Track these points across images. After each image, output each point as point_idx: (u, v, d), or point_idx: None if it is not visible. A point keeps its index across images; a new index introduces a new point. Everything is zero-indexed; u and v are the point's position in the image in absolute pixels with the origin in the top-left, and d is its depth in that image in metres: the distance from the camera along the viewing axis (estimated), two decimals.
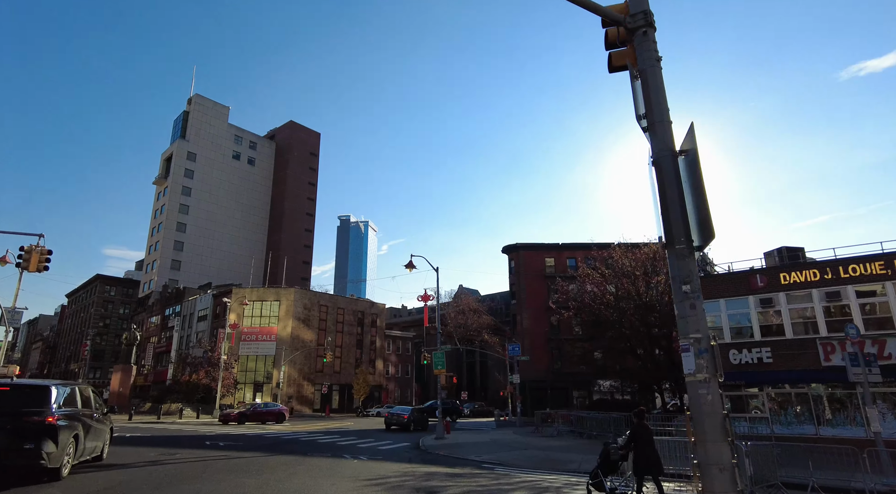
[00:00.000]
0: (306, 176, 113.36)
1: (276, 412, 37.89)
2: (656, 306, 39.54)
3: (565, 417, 29.34)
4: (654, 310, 39.10)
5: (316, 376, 62.32)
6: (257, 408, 37.57)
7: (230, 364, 47.74)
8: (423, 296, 26.85)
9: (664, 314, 37.58)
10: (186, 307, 71.80)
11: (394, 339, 75.22)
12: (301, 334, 60.96)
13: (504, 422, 47.61)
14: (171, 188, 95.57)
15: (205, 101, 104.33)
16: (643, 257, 45.65)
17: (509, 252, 63.93)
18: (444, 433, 25.12)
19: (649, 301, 41.98)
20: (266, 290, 63.24)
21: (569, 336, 59.40)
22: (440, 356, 25.83)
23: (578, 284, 46.60)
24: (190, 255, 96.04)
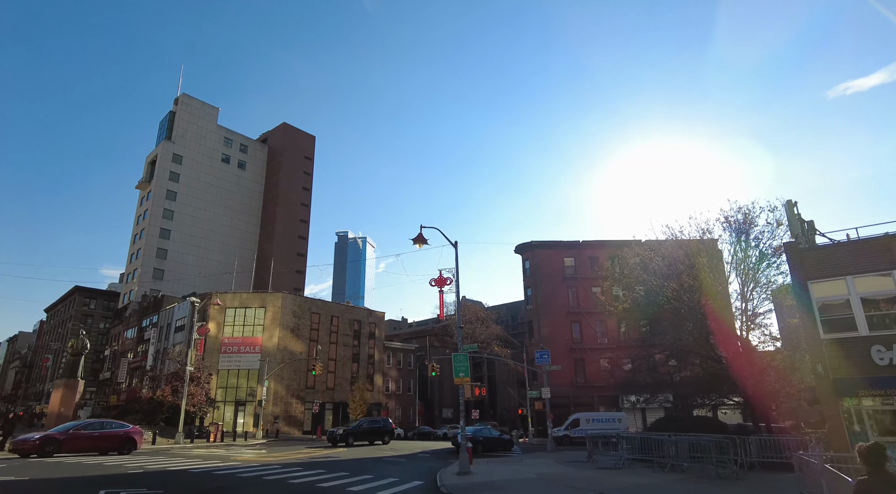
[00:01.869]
0: (300, 181, 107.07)
1: (113, 436, 23.14)
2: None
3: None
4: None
5: (306, 393, 55.01)
6: (80, 430, 22.50)
7: (202, 379, 40.62)
8: (437, 280, 20.09)
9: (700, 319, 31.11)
10: (164, 317, 64.69)
11: (394, 351, 68.00)
12: (289, 345, 53.84)
13: (526, 445, 40.42)
14: (154, 192, 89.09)
15: (192, 101, 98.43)
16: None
17: (523, 252, 57.21)
18: (469, 465, 18.14)
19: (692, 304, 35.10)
20: (250, 295, 56.27)
21: (594, 346, 52.44)
22: (462, 358, 18.98)
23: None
24: (174, 263, 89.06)
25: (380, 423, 38.10)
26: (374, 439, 35.93)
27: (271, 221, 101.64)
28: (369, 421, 38.04)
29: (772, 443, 18.33)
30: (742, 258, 23.48)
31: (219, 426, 35.01)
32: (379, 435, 36.29)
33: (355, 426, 36.32)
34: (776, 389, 23.95)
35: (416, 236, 20.28)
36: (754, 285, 23.09)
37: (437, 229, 20.52)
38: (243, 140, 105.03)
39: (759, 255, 22.18)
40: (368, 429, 36.27)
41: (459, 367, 19.03)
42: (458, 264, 20.32)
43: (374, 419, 39.48)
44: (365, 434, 35.57)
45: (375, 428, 36.82)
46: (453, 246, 20.62)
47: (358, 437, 34.88)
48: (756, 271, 22.92)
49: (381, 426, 37.57)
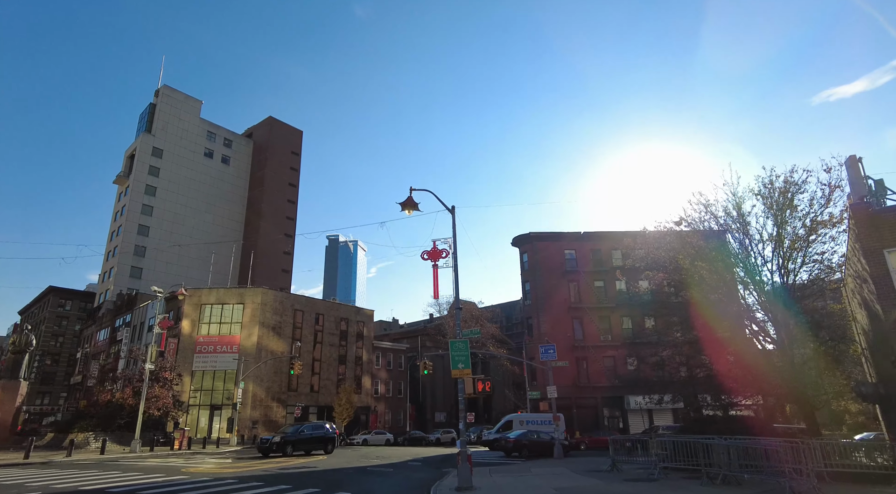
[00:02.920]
0: (287, 177, 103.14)
1: None
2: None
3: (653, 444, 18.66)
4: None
5: (288, 396, 51.09)
6: None
7: (169, 379, 36.67)
8: (430, 252, 16.55)
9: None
10: (137, 316, 60.60)
11: (384, 352, 64.22)
12: (270, 344, 49.95)
13: None
14: (133, 188, 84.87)
15: (174, 93, 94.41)
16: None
17: (521, 244, 53.78)
18: (470, 476, 14.55)
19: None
20: (227, 291, 52.36)
21: (596, 343, 49.05)
22: (461, 346, 15.44)
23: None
24: (153, 261, 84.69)
25: (322, 429, 31.69)
26: (315, 448, 30.27)
27: (256, 218, 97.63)
28: (312, 426, 31.66)
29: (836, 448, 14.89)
30: (779, 236, 20.08)
31: (184, 433, 31.16)
32: (320, 444, 30.60)
33: (293, 432, 30.05)
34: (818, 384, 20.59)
35: (404, 200, 16.74)
36: (801, 263, 19.70)
37: (429, 191, 17.01)
38: (227, 134, 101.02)
39: (809, 226, 18.80)
40: (311, 437, 30.39)
41: (458, 356, 15.47)
42: (455, 233, 16.82)
43: (316, 424, 32.73)
44: (307, 442, 29.88)
45: (318, 436, 30.80)
46: (450, 212, 17.10)
47: (298, 446, 29.07)
48: (804, 247, 19.54)
49: (324, 433, 31.35)
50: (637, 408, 47.21)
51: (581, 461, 24.75)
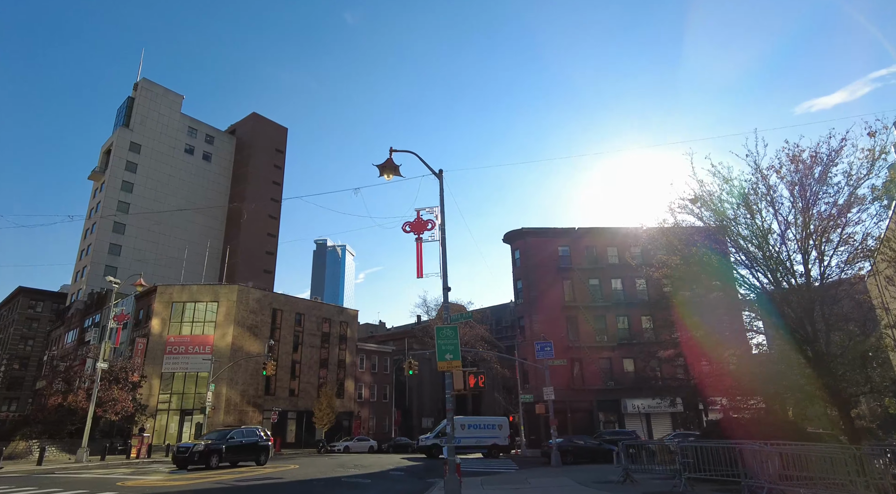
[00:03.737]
0: (271, 174, 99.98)
1: None
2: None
3: (671, 450, 16.00)
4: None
5: (265, 400, 48.02)
6: None
7: (127, 381, 33.56)
8: (413, 223, 13.98)
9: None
10: (106, 315, 57.05)
11: (368, 354, 61.29)
12: (245, 344, 46.90)
13: (520, 458, 34.27)
14: (108, 183, 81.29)
15: (154, 86, 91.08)
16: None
17: (513, 241, 51.29)
18: (459, 487, 11.93)
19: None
20: (200, 287, 49.27)
21: (591, 344, 46.61)
22: (450, 333, 12.86)
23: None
24: (129, 260, 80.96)
25: (255, 436, 26.31)
26: (245, 458, 25.39)
27: (238, 216, 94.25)
28: (242, 433, 26.01)
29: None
30: (805, 219, 17.69)
31: (143, 440, 28.13)
32: (252, 454, 25.60)
33: (220, 438, 24.65)
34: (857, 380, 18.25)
35: (383, 163, 14.13)
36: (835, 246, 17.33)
37: (413, 153, 14.42)
38: (209, 130, 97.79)
39: (845, 202, 16.45)
40: (241, 445, 25.11)
41: (446, 346, 12.86)
42: (443, 201, 14.26)
43: (248, 429, 26.85)
44: (237, 452, 24.80)
45: (250, 444, 25.59)
46: (437, 176, 14.52)
47: (226, 456, 24.05)
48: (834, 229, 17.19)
49: (256, 441, 26.05)
50: (634, 412, 44.85)
51: (583, 470, 22.14)
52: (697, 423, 45.34)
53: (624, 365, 46.92)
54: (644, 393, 45.57)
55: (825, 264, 17.71)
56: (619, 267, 49.54)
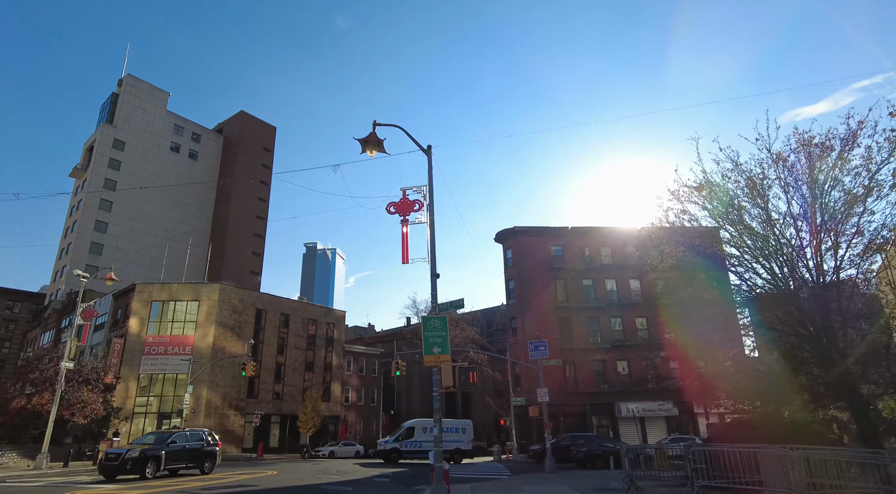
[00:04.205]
0: (258, 174, 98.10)
1: None
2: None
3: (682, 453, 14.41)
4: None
5: (248, 403, 46.29)
6: None
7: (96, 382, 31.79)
8: (398, 203, 12.66)
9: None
10: None
11: (356, 356, 59.68)
12: (227, 345, 45.20)
13: (511, 463, 32.89)
14: (90, 181, 79.20)
15: (139, 83, 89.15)
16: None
17: (505, 240, 50.05)
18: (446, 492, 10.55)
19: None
20: (181, 286, 47.51)
21: (585, 346, 45.42)
22: (438, 324, 11.55)
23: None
24: (110, 260, 78.49)
25: (200, 441, 22.42)
26: (188, 465, 21.53)
27: (225, 216, 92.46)
28: (185, 437, 21.87)
29: None
30: (813, 208, 16.58)
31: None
32: (195, 461, 21.79)
33: (159, 442, 20.53)
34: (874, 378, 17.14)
35: (366, 137, 12.79)
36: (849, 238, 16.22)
37: (399, 127, 13.09)
38: (196, 129, 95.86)
39: (866, 188, 15.34)
40: (183, 451, 21.18)
41: (434, 337, 11.53)
42: (431, 180, 12.95)
43: (193, 432, 22.78)
44: (178, 458, 20.85)
45: (194, 450, 21.81)
46: (425, 153, 13.22)
47: (165, 462, 20.05)
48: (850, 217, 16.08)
49: (201, 446, 22.27)
50: (629, 415, 43.66)
51: (580, 476, 20.82)
52: (692, 427, 44.29)
53: (618, 367, 45.78)
54: (638, 396, 44.47)
55: (839, 257, 16.61)
56: (613, 268, 48.48)
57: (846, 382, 15.49)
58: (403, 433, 33.82)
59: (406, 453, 32.45)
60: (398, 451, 32.56)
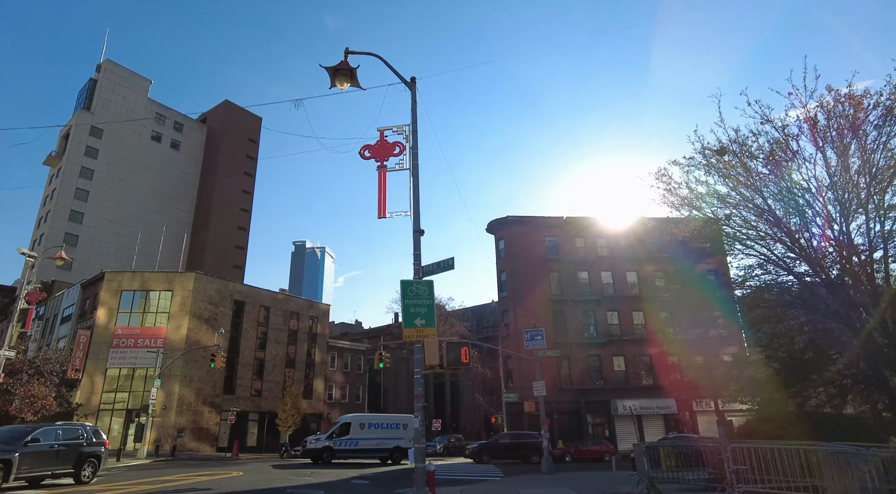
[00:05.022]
0: (243, 165, 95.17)
1: None
2: None
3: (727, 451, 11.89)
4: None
5: (224, 400, 43.69)
6: None
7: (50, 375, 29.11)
8: (375, 146, 10.38)
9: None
10: (51, 308, 52.33)
11: (340, 352, 57.21)
12: (202, 338, 42.57)
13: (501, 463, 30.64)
14: (66, 169, 75.92)
15: (119, 69, 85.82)
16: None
17: (497, 230, 47.91)
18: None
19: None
20: (153, 275, 44.79)
21: (581, 340, 43.35)
22: (422, 291, 9.31)
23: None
24: (86, 252, 75.56)
25: (76, 436, 16.70)
26: (57, 469, 15.66)
27: (207, 208, 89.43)
28: (56, 433, 16.00)
29: None
30: (857, 173, 14.45)
31: None
32: (68, 464, 16.02)
33: (9, 439, 14.69)
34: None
35: (335, 66, 10.48)
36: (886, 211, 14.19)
37: (376, 55, 10.80)
38: (178, 117, 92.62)
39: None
40: (50, 451, 15.40)
41: (415, 307, 9.30)
42: (416, 118, 10.68)
43: (66, 427, 16.94)
44: (44, 461, 15.16)
45: (64, 448, 15.82)
46: (408, 86, 10.97)
47: (21, 468, 14.22)
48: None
49: (78, 444, 16.53)
50: (626, 413, 41.63)
51: (582, 477, 18.61)
52: (691, 425, 42.40)
53: (614, 363, 43.79)
54: (635, 394, 42.52)
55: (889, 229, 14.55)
56: (609, 260, 46.55)
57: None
58: (338, 429, 29.83)
59: (340, 452, 28.79)
60: (331, 450, 28.61)
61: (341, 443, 28.89)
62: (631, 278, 46.51)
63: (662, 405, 42.02)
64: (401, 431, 31.17)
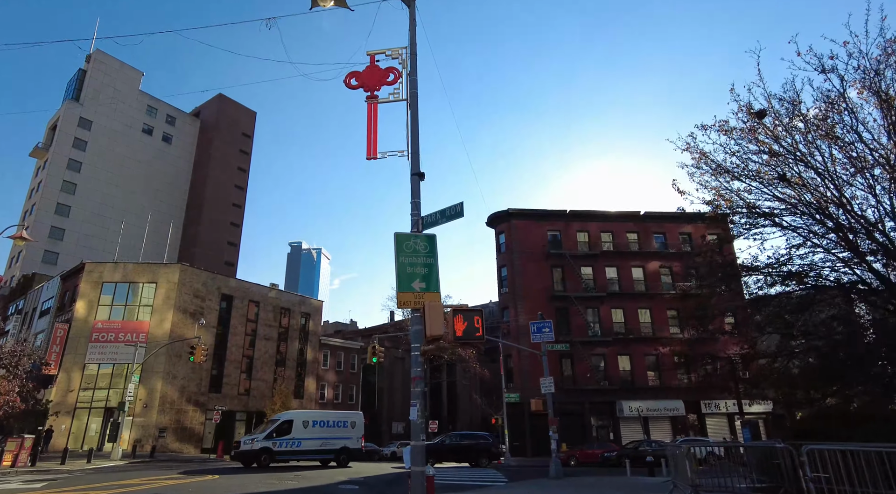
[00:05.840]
0: (236, 160, 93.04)
1: None
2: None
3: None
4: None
5: (209, 398, 41.56)
6: None
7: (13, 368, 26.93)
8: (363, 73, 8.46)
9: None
10: (30, 301, 50.08)
11: (333, 350, 55.10)
12: (187, 333, 40.40)
13: (505, 467, 28.67)
14: (52, 161, 73.64)
15: (109, 60, 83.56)
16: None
17: (497, 223, 45.98)
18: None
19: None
20: (136, 266, 42.65)
21: (584, 338, 41.40)
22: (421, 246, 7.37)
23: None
24: (72, 246, 73.23)
25: None
26: None
27: (199, 204, 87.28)
28: None
29: None
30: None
31: (22, 443, 21.80)
32: None
33: None
34: None
35: None
36: None
37: None
38: (171, 111, 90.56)
39: None
40: None
41: (414, 266, 7.35)
42: (414, 39, 8.72)
43: None
44: None
45: None
46: (406, 3, 8.96)
47: None
48: None
49: None
50: (632, 415, 39.69)
51: (596, 483, 16.61)
52: (699, 428, 40.51)
53: (619, 363, 41.85)
54: (641, 394, 40.60)
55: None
56: (614, 255, 44.69)
57: None
58: (277, 428, 26.03)
59: (281, 454, 25.32)
60: (270, 452, 24.97)
61: (282, 444, 25.48)
62: (637, 274, 44.68)
63: (670, 406, 40.09)
64: (348, 429, 28.08)
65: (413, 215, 8.10)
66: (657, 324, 42.80)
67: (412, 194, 8.17)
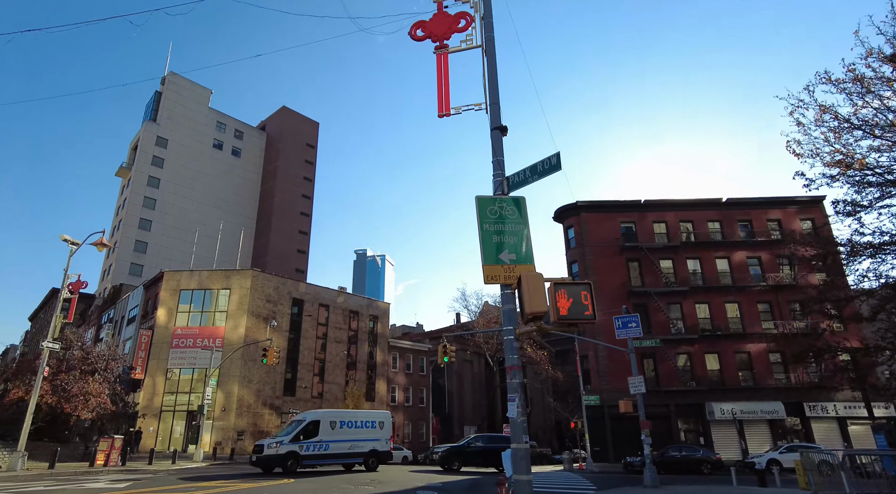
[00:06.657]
0: (301, 170, 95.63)
1: None
2: None
3: None
4: None
5: (284, 401, 42.08)
6: None
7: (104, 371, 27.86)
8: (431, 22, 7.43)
9: None
10: (119, 309, 52.87)
11: (402, 352, 54.75)
12: (260, 337, 41.11)
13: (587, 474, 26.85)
14: (135, 179, 78.27)
15: (181, 80, 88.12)
16: None
17: (566, 217, 43.99)
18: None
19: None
20: (211, 273, 43.88)
21: (668, 336, 38.65)
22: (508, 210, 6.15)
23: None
24: (154, 258, 77.45)
25: None
26: None
27: (268, 214, 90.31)
28: None
29: None
30: None
31: (113, 443, 22.37)
32: None
33: None
34: None
35: None
36: None
37: None
38: (238, 125, 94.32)
39: None
40: None
41: (499, 234, 6.04)
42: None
43: None
44: None
45: None
46: None
47: None
48: None
49: None
50: (723, 418, 36.49)
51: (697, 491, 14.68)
52: (804, 433, 36.71)
53: (707, 362, 38.76)
54: (733, 395, 37.35)
55: None
56: (696, 246, 41.64)
57: None
58: (304, 429, 23.39)
59: (307, 459, 22.95)
60: (297, 456, 22.48)
61: (309, 447, 23.05)
62: (722, 266, 41.38)
63: (767, 408, 36.59)
64: (377, 430, 25.93)
65: (496, 175, 6.84)
66: (747, 319, 39.39)
67: (494, 152, 6.92)
